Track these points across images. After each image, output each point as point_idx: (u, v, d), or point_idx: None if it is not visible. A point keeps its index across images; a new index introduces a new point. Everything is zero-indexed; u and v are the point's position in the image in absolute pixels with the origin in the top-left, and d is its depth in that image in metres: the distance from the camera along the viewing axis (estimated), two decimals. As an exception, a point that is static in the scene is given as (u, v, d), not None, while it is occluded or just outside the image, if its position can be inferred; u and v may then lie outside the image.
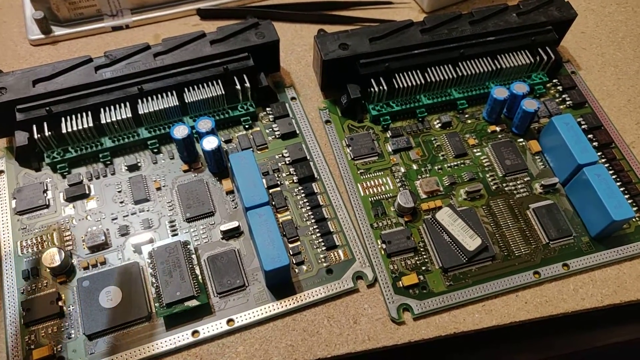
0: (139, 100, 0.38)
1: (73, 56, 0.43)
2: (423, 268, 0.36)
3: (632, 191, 0.40)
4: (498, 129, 0.42)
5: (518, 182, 0.40)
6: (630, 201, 0.39)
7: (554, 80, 0.44)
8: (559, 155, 0.39)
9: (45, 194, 0.37)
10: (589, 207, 0.37)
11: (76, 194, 0.36)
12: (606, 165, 0.41)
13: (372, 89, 0.40)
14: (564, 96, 0.44)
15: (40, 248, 0.35)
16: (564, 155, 0.39)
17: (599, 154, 0.41)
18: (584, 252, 0.37)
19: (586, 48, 0.47)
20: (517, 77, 0.43)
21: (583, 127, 0.42)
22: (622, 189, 0.40)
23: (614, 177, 0.40)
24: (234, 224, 0.36)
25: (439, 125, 0.42)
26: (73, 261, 0.34)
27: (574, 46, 0.47)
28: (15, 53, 0.44)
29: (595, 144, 0.41)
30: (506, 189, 0.39)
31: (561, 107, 0.43)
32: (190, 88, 0.38)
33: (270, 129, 0.40)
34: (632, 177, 0.40)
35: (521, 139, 0.42)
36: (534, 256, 0.37)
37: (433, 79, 0.41)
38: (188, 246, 0.34)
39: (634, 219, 0.38)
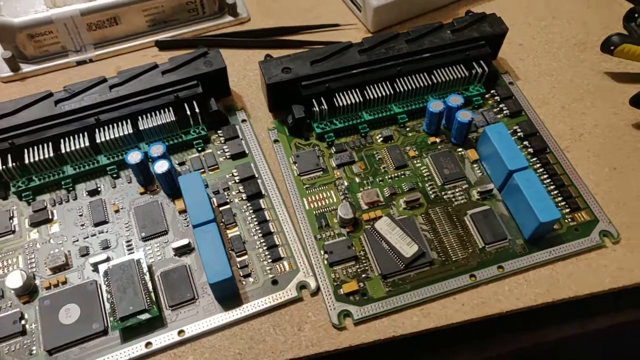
0: (97, 130, 0.41)
1: (40, 90, 0.47)
2: (363, 275, 0.38)
3: (565, 193, 0.42)
4: (438, 140, 0.44)
5: (456, 189, 0.42)
6: (563, 203, 0.41)
7: (492, 91, 0.47)
8: (494, 163, 0.42)
9: (11, 221, 0.39)
10: (521, 211, 0.40)
11: (40, 219, 0.39)
12: (541, 169, 0.43)
13: (314, 109, 0.43)
14: (501, 106, 0.46)
15: (5, 271, 0.38)
16: (497, 163, 0.41)
17: (534, 159, 0.43)
18: (519, 254, 0.39)
19: (523, 59, 0.50)
20: (454, 89, 0.45)
21: (519, 134, 0.45)
22: (555, 192, 0.42)
23: (548, 180, 0.42)
24: (185, 241, 0.38)
25: (381, 139, 0.44)
26: (36, 282, 0.37)
27: (512, 58, 0.50)
28: (-14, 90, 0.48)
29: (530, 150, 0.44)
30: (445, 197, 0.42)
31: (498, 116, 0.46)
32: (144, 116, 0.41)
33: (222, 150, 0.43)
34: (565, 180, 0.42)
35: (460, 149, 0.44)
36: (471, 260, 0.39)
37: (372, 96, 0.43)
38: (141, 264, 0.37)
39: (566, 220, 0.41)
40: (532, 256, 0.39)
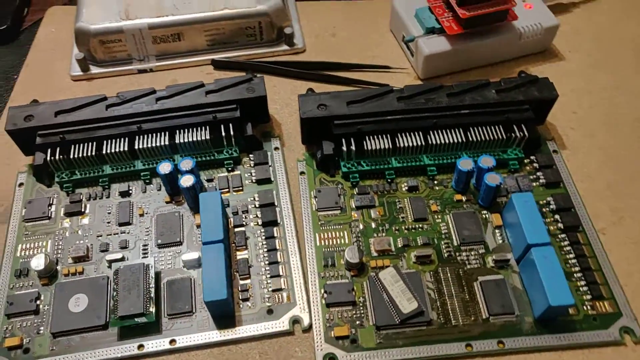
0: (137, 137, 0.44)
1: (102, 91, 0.51)
2: (357, 322, 0.38)
3: (589, 278, 0.39)
4: (464, 198, 0.43)
5: (472, 253, 0.41)
6: (585, 288, 0.39)
7: (532, 157, 0.45)
8: (515, 232, 0.40)
9: (49, 208, 0.43)
10: (535, 288, 0.38)
11: (74, 210, 0.43)
12: (568, 247, 0.41)
13: (342, 148, 0.43)
14: (538, 174, 0.44)
15: (34, 252, 0.41)
16: (519, 233, 0.39)
17: (562, 235, 0.41)
18: (524, 332, 0.37)
19: (575, 128, 0.47)
20: (491, 150, 0.44)
21: (552, 207, 0.42)
22: (579, 274, 0.39)
23: (573, 260, 0.40)
24: (195, 255, 0.40)
25: (406, 188, 0.44)
26: (57, 267, 0.40)
27: (563, 125, 0.48)
28: (58, 86, 0.52)
29: (560, 225, 0.42)
30: (458, 258, 0.40)
31: (534, 184, 0.44)
32: (182, 130, 0.44)
33: (249, 173, 0.45)
34: (593, 264, 0.40)
35: (486, 212, 0.43)
36: (471, 328, 0.38)
37: (403, 145, 0.43)
38: (149, 269, 0.39)
39: (584, 307, 0.38)
40: (539, 338, 0.37)
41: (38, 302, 0.39)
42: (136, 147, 0.43)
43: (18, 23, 0.60)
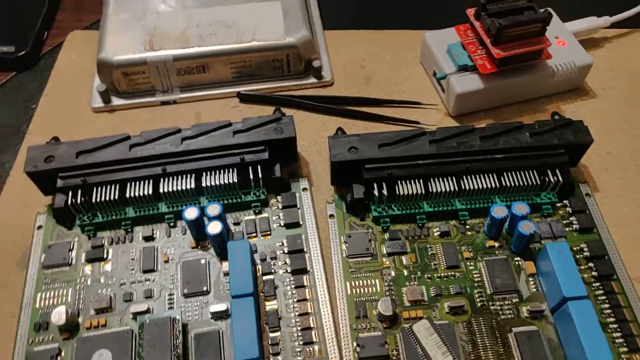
0: (161, 179, 0.42)
1: (125, 124, 0.49)
2: (392, 378, 0.37)
3: (625, 330, 0.38)
4: (497, 244, 0.42)
5: (505, 302, 0.40)
6: (621, 340, 0.38)
7: (565, 201, 0.44)
8: (550, 283, 0.39)
9: (70, 253, 0.42)
10: (571, 343, 0.37)
11: (95, 257, 0.41)
12: (602, 297, 0.40)
13: (374, 192, 0.42)
14: (572, 219, 0.43)
15: (55, 302, 0.40)
16: (553, 284, 0.38)
17: (597, 284, 0.40)
18: (561, 389, 0.37)
19: (609, 169, 0.46)
20: (524, 194, 0.43)
21: (585, 254, 0.42)
22: (615, 326, 0.39)
23: (608, 311, 0.39)
24: (223, 306, 0.39)
25: (438, 233, 0.43)
26: (79, 319, 0.39)
27: (595, 166, 0.47)
28: (79, 118, 0.51)
29: (594, 273, 0.41)
30: (492, 307, 0.40)
31: (567, 229, 0.43)
32: (208, 173, 0.43)
33: (277, 217, 0.44)
34: (629, 314, 0.39)
35: (518, 258, 0.42)
36: (507, 384, 0.37)
37: (435, 190, 0.42)
38: (176, 323, 0.38)
39: (621, 360, 0.38)
40: (576, 393, 0.36)
41: (59, 359, 0.37)
42: (161, 190, 0.42)
43: (38, 48, 0.58)
